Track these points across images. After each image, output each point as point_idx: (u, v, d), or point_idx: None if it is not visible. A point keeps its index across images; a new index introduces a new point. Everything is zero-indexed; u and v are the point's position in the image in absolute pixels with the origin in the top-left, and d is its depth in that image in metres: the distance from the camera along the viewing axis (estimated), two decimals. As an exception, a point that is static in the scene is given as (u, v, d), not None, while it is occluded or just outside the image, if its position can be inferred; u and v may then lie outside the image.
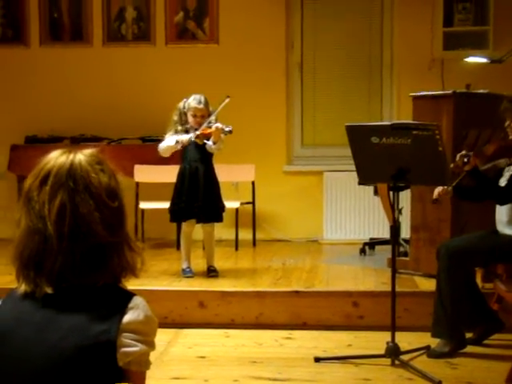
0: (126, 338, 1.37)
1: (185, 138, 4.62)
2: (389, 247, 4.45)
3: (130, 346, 1.37)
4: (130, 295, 1.43)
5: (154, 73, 6.55)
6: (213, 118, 4.67)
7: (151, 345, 1.41)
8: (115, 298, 1.41)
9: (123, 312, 1.38)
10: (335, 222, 6.46)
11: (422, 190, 4.66)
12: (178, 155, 4.84)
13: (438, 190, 3.74)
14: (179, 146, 4.62)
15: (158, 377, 3.41)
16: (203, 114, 4.67)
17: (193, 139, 4.64)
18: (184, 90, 5.06)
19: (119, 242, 1.42)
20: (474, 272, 3.86)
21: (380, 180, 3.84)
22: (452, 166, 3.62)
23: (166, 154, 4.72)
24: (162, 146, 4.68)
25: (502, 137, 3.77)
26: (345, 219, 6.46)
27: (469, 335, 3.85)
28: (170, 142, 4.63)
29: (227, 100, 4.59)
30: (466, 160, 3.60)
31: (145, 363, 1.40)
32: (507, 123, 3.72)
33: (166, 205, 4.83)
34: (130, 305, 1.40)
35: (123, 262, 1.43)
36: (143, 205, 5.94)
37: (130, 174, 6.01)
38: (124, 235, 1.44)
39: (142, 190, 6.11)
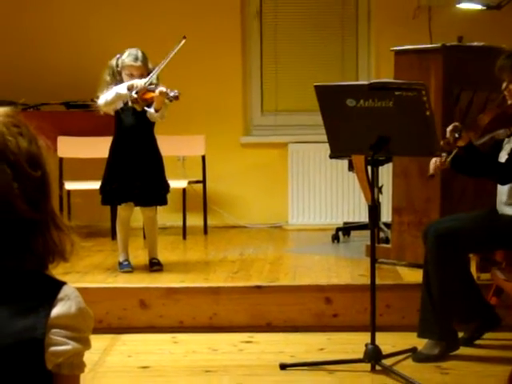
0: (55, 335, 1.36)
1: (139, 81, 4.50)
2: (367, 233, 4.49)
3: (60, 345, 1.36)
4: (59, 284, 1.41)
5: (80, 22, 6.45)
6: (154, 76, 4.63)
7: (86, 343, 1.41)
8: (41, 287, 1.40)
9: (51, 304, 1.37)
10: (302, 204, 6.51)
11: (406, 165, 4.72)
12: (112, 124, 4.80)
13: (433, 162, 3.77)
14: (133, 93, 4.50)
15: (92, 392, 3.41)
16: (141, 74, 4.63)
17: (130, 104, 4.61)
18: (117, 44, 5.01)
19: (44, 219, 1.41)
20: (468, 259, 3.94)
21: (356, 151, 3.87)
22: (442, 143, 3.66)
23: (113, 106, 4.62)
24: (106, 97, 4.57)
25: (499, 102, 3.81)
26: (314, 200, 6.50)
27: (460, 334, 3.92)
28: (122, 88, 4.52)
29: (183, 41, 4.56)
30: (457, 135, 3.63)
31: (78, 365, 1.40)
32: (505, 85, 3.77)
33: (98, 185, 4.79)
34: (60, 295, 1.39)
35: (50, 243, 1.41)
36: (69, 185, 5.89)
37: (52, 147, 5.93)
38: (49, 211, 1.43)
39: (68, 167, 6.04)
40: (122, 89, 4.55)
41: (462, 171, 3.91)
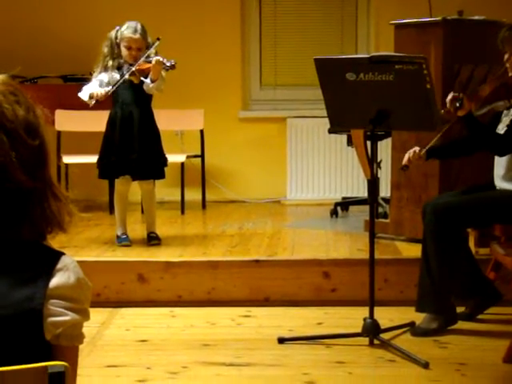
0: (53, 306, 1.36)
1: (100, 91, 4.53)
2: (365, 208, 4.49)
3: (58, 315, 1.36)
4: (57, 254, 1.41)
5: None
6: (152, 51, 4.61)
7: (84, 314, 1.41)
8: (40, 257, 1.40)
9: (50, 274, 1.37)
10: (301, 179, 6.50)
11: (406, 140, 4.71)
12: (109, 97, 4.77)
13: (408, 154, 3.85)
14: (93, 102, 4.56)
15: (90, 365, 3.41)
16: (139, 46, 4.61)
17: (127, 76, 4.57)
18: (118, 18, 4.97)
19: (41, 188, 1.41)
20: (467, 235, 3.94)
21: (356, 125, 3.85)
22: (442, 112, 3.66)
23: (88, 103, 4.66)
24: (81, 94, 4.62)
25: (500, 74, 3.80)
26: (312, 175, 6.49)
27: (460, 309, 3.93)
28: (84, 94, 4.57)
29: (157, 43, 4.57)
30: (458, 104, 3.64)
31: (77, 337, 1.40)
32: (506, 57, 3.76)
33: (95, 159, 4.78)
34: (58, 266, 1.38)
35: (47, 212, 1.41)
36: (67, 159, 5.87)
37: (50, 120, 5.90)
38: (47, 180, 1.43)
39: (65, 141, 6.03)
40: (84, 95, 4.58)
41: (441, 158, 4.04)
